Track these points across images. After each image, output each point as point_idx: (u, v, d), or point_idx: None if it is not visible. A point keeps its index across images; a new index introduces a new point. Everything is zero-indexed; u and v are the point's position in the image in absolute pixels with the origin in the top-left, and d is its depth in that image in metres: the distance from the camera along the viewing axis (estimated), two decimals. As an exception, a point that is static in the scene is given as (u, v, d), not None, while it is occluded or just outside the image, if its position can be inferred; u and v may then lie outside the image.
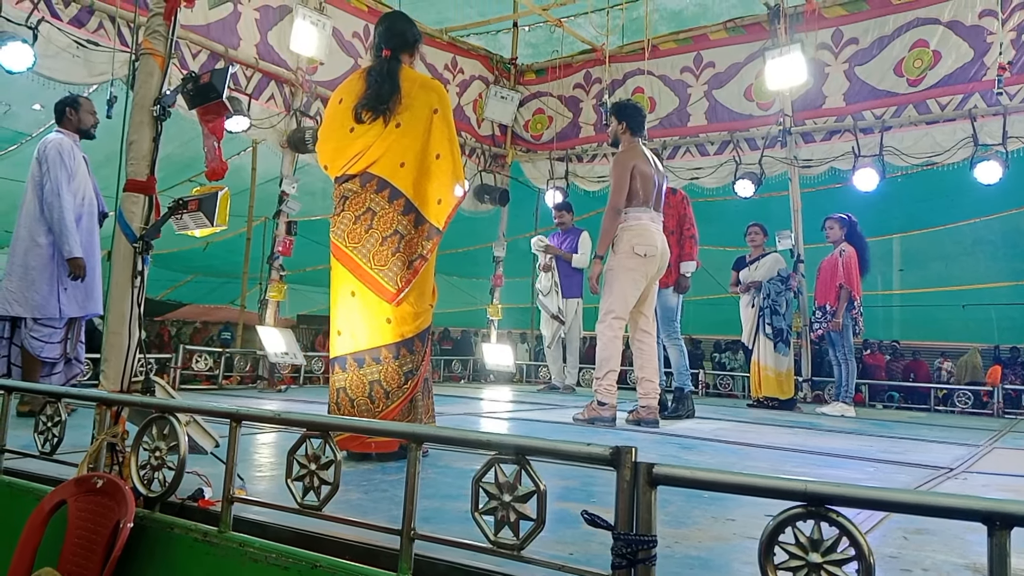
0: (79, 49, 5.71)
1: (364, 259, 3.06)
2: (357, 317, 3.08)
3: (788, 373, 7.16)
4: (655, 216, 4.88)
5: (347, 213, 3.11)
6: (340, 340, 3.12)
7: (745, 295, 7.37)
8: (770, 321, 7.09)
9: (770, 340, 7.08)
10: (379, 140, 3.09)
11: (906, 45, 7.55)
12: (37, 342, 4.26)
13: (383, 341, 3.05)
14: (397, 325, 3.06)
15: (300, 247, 7.84)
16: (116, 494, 2.05)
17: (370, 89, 3.13)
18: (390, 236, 3.05)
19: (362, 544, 1.78)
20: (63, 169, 4.27)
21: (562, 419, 5.09)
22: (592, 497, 2.54)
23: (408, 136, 3.11)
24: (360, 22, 8.12)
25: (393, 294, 3.04)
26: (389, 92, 3.11)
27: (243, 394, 6.49)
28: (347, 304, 3.11)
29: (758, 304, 7.19)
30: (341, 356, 3.10)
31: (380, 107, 3.09)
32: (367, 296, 3.06)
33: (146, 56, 2.55)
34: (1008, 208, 10.24)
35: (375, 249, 3.05)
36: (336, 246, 3.13)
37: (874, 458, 3.82)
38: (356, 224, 3.08)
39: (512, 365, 9.88)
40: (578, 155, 9.72)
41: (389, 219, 3.06)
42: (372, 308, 3.05)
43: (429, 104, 3.15)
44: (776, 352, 7.08)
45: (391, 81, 3.13)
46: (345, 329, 3.11)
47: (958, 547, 2.02)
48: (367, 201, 3.08)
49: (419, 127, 3.12)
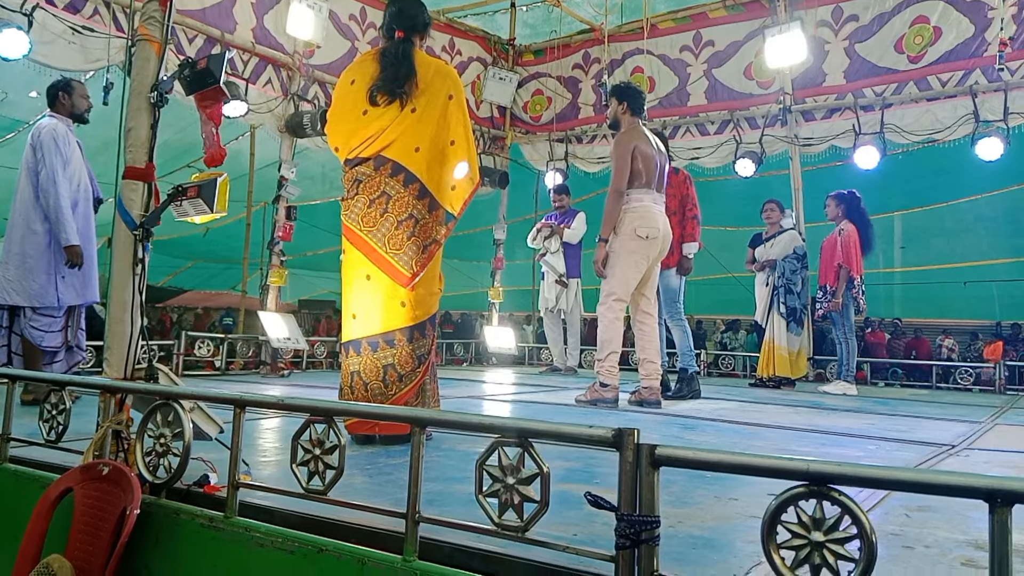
0: (75, 35, 5.68)
1: (379, 243, 3.05)
2: (372, 301, 3.08)
3: (800, 352, 7.17)
4: (657, 197, 4.87)
5: (361, 197, 3.09)
6: (354, 324, 3.12)
7: (760, 274, 7.36)
8: (784, 300, 7.08)
9: (783, 319, 7.08)
10: (394, 124, 3.07)
11: (906, 21, 7.50)
12: (37, 331, 4.25)
13: (398, 324, 3.05)
14: (411, 309, 3.06)
15: (300, 232, 7.84)
16: (122, 481, 2.06)
17: (386, 71, 3.10)
18: (405, 220, 3.05)
19: (367, 528, 1.79)
20: (58, 155, 4.21)
21: (564, 401, 5.11)
22: (595, 478, 2.55)
23: (423, 121, 3.09)
24: (357, 4, 8.07)
25: (408, 278, 3.04)
26: (406, 75, 3.09)
27: (246, 379, 6.51)
28: (362, 288, 3.11)
29: (772, 282, 7.18)
30: (356, 340, 3.10)
31: (397, 90, 3.07)
32: (382, 280, 3.06)
33: (142, 42, 2.54)
34: (1009, 184, 10.21)
35: (390, 233, 3.04)
36: (350, 229, 3.12)
37: (876, 436, 3.84)
38: (371, 208, 3.07)
39: (514, 347, 9.89)
40: (577, 136, 9.68)
41: (404, 203, 3.05)
42: (387, 292, 3.06)
43: (445, 90, 3.14)
44: (789, 331, 7.09)
45: (407, 64, 3.11)
46: (359, 313, 3.11)
47: (960, 524, 2.03)
48: (382, 185, 3.07)
49: (435, 113, 3.11)
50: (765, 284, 7.29)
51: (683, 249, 5.73)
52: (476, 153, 3.26)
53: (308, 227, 11.34)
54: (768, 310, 7.22)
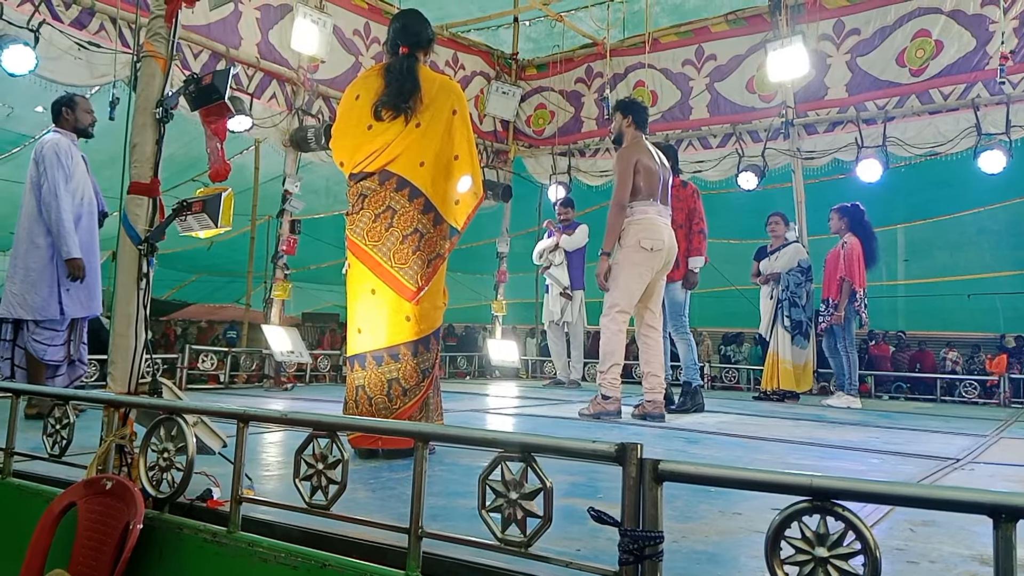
0: (81, 51, 5.72)
1: (384, 257, 3.06)
2: (377, 315, 3.09)
3: (806, 366, 7.15)
4: (662, 210, 4.87)
5: (366, 211, 3.11)
6: (360, 338, 3.12)
7: (765, 287, 7.35)
8: (788, 313, 7.06)
9: (788, 332, 7.06)
10: (399, 138, 3.09)
11: (908, 35, 7.53)
12: (40, 345, 4.26)
13: (403, 339, 3.06)
14: (416, 323, 3.07)
15: (304, 245, 7.86)
16: (125, 495, 2.06)
17: (391, 86, 3.13)
18: (410, 234, 3.06)
19: (370, 543, 1.78)
20: (60, 169, 4.25)
21: (567, 414, 5.10)
22: (598, 493, 2.55)
23: (428, 136, 3.11)
24: (360, 19, 8.12)
25: (413, 292, 3.05)
26: (411, 90, 3.11)
27: (249, 393, 6.51)
28: (367, 302, 3.11)
29: (776, 296, 7.17)
30: (360, 354, 3.10)
31: (402, 105, 3.09)
32: (387, 294, 3.07)
33: (148, 58, 2.56)
34: (1012, 197, 10.23)
35: (395, 247, 3.06)
36: (355, 244, 3.13)
37: (880, 450, 3.83)
38: (376, 222, 3.08)
39: (517, 361, 9.88)
40: (580, 150, 9.71)
41: (409, 217, 3.06)
42: (392, 306, 3.06)
43: (449, 105, 3.16)
44: (794, 344, 7.07)
45: (412, 79, 3.13)
46: (365, 327, 3.12)
47: (965, 539, 2.02)
48: (387, 199, 3.08)
49: (439, 127, 3.13)
50: (770, 297, 7.28)
51: (689, 263, 5.71)
52: (480, 167, 3.28)
53: (312, 240, 11.39)
54: (772, 323, 7.21)
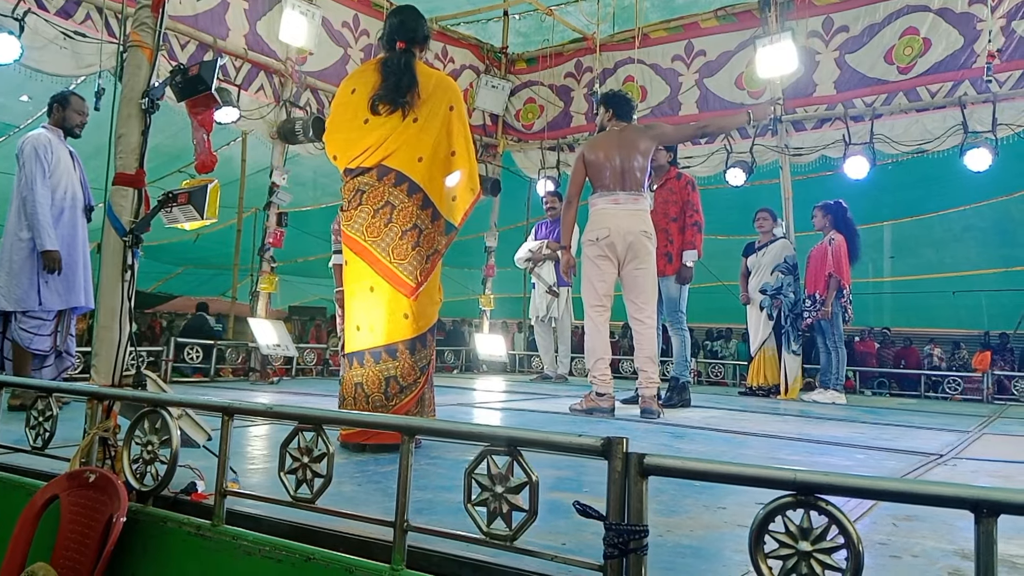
0: (66, 40, 5.66)
1: (384, 253, 3.06)
2: (376, 312, 3.08)
3: (798, 378, 7.15)
4: (621, 196, 4.75)
5: (365, 207, 3.09)
6: (358, 335, 3.11)
7: (752, 308, 7.34)
8: (794, 338, 7.07)
9: (796, 356, 7.08)
10: (395, 133, 3.09)
11: (896, 32, 7.55)
12: (26, 334, 4.29)
13: (401, 336, 3.06)
14: (414, 320, 3.07)
15: (291, 238, 7.83)
16: (109, 488, 2.05)
17: (388, 81, 3.12)
18: (410, 230, 3.06)
19: (356, 536, 1.78)
20: (38, 164, 4.29)
21: (555, 409, 5.10)
22: (584, 487, 2.55)
23: (425, 131, 3.11)
24: (349, 11, 8.07)
25: (412, 288, 3.05)
26: (408, 85, 3.11)
27: (235, 386, 6.49)
28: (365, 299, 3.11)
29: (767, 310, 7.15)
30: (359, 351, 3.10)
31: (399, 100, 3.09)
32: (386, 291, 3.06)
33: (134, 48, 2.53)
34: (997, 195, 10.29)
35: (395, 243, 3.05)
36: (354, 240, 3.12)
37: (864, 445, 3.85)
38: (375, 218, 3.07)
39: (505, 355, 9.88)
40: (570, 144, 9.69)
41: (408, 213, 3.06)
42: (391, 303, 3.06)
43: (446, 101, 3.17)
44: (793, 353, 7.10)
45: (410, 74, 3.13)
46: (363, 324, 3.11)
47: (947, 533, 2.04)
48: (386, 195, 3.07)
49: (436, 123, 3.13)
50: (760, 307, 7.27)
51: (683, 257, 5.69)
52: (476, 164, 3.27)
53: (299, 233, 11.35)
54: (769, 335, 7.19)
